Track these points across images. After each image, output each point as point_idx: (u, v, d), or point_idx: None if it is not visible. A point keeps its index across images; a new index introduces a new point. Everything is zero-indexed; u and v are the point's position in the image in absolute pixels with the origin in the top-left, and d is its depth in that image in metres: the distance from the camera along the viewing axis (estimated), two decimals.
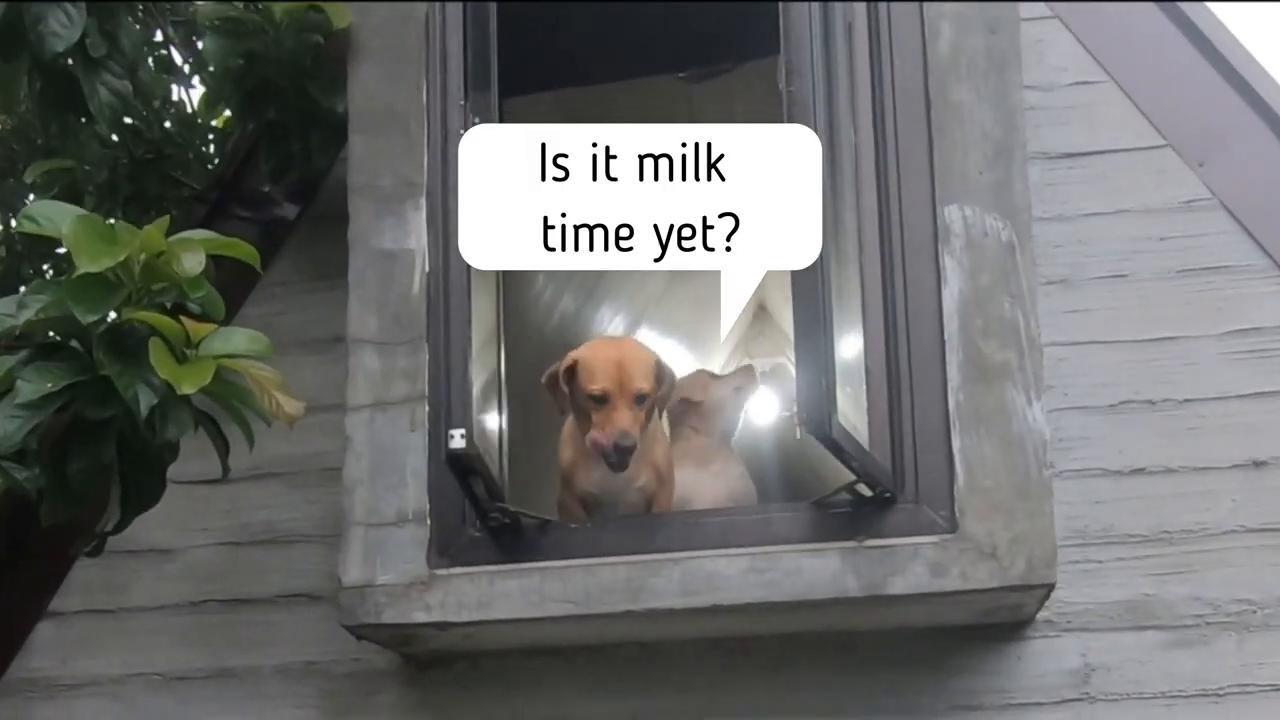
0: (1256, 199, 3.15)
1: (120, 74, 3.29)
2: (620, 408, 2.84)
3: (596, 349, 2.95)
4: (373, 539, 2.97)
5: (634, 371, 2.86)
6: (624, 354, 2.90)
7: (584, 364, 2.89)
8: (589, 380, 2.87)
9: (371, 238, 3.16)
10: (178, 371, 2.62)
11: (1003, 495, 2.76)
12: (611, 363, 2.87)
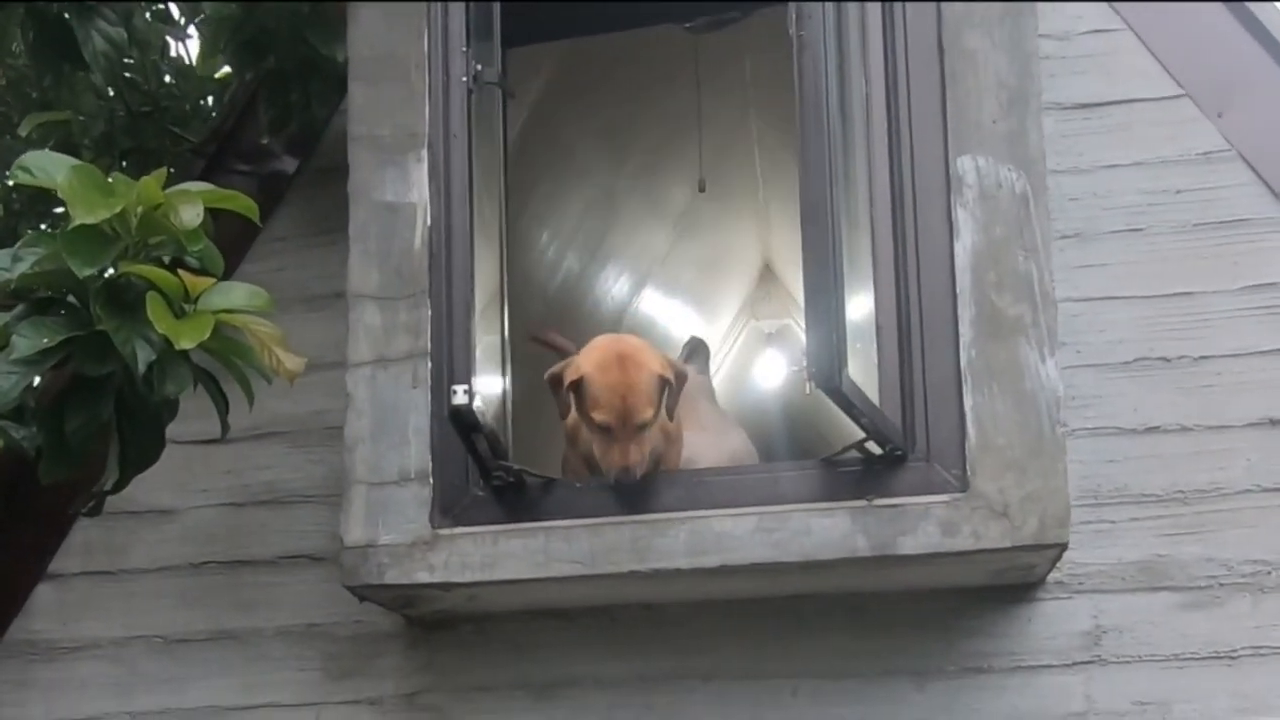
0: (1275, 150, 3.08)
1: (115, 21, 3.22)
2: (623, 439, 2.78)
3: (603, 370, 2.82)
4: (375, 498, 2.92)
5: (637, 402, 2.78)
6: (629, 382, 2.79)
7: (588, 386, 2.81)
8: (592, 406, 2.80)
9: (372, 190, 3.09)
10: (176, 326, 2.56)
11: (1015, 453, 2.71)
12: (616, 393, 2.78)
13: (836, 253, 2.49)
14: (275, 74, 3.41)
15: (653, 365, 2.83)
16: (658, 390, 2.81)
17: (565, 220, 5.01)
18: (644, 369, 2.81)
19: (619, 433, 2.77)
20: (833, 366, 2.45)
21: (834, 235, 2.48)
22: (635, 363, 2.82)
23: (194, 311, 2.63)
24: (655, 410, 2.80)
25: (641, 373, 2.80)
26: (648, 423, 2.79)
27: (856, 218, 2.85)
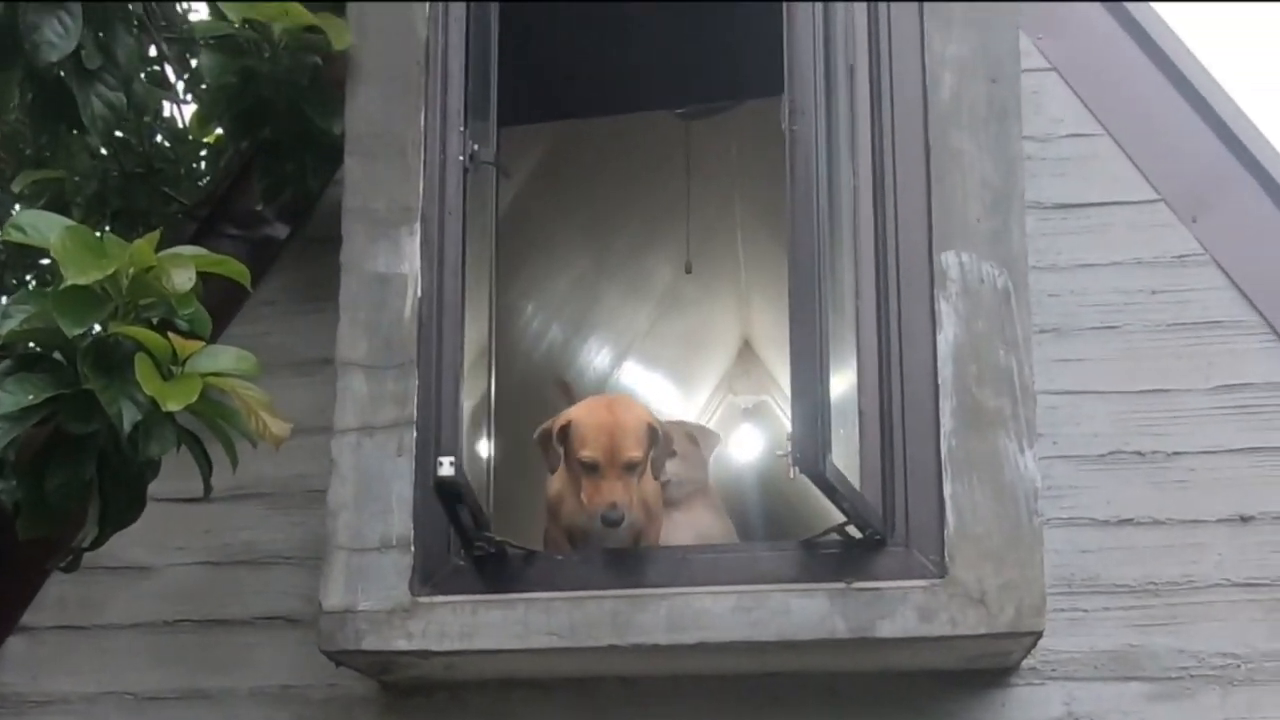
0: (1248, 256, 3.17)
1: (114, 86, 3.26)
2: (610, 477, 2.82)
3: (590, 412, 2.91)
4: (355, 564, 2.93)
5: (625, 440, 2.84)
6: (616, 420, 2.87)
7: (577, 427, 2.87)
8: (580, 445, 2.85)
9: (365, 261, 3.14)
10: (163, 388, 2.59)
11: (993, 542, 2.75)
12: (604, 431, 2.84)
13: (823, 343, 2.55)
14: (271, 144, 3.45)
15: (641, 413, 2.90)
16: (646, 435, 2.86)
17: (551, 293, 5.07)
18: (633, 413, 2.88)
19: (606, 470, 2.81)
20: (817, 452, 2.49)
21: (821, 327, 2.53)
22: (624, 406, 2.91)
23: (182, 374, 2.65)
24: (643, 454, 2.84)
25: (630, 415, 2.87)
26: (635, 462, 2.82)
27: (842, 307, 2.91)
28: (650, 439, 2.87)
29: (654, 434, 2.88)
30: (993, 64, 3.03)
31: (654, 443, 2.89)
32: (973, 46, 3.03)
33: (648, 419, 2.89)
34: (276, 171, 3.46)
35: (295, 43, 3.32)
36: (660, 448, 2.90)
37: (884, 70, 3.05)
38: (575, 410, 2.91)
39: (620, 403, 2.94)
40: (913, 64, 3.04)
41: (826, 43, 2.98)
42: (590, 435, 2.83)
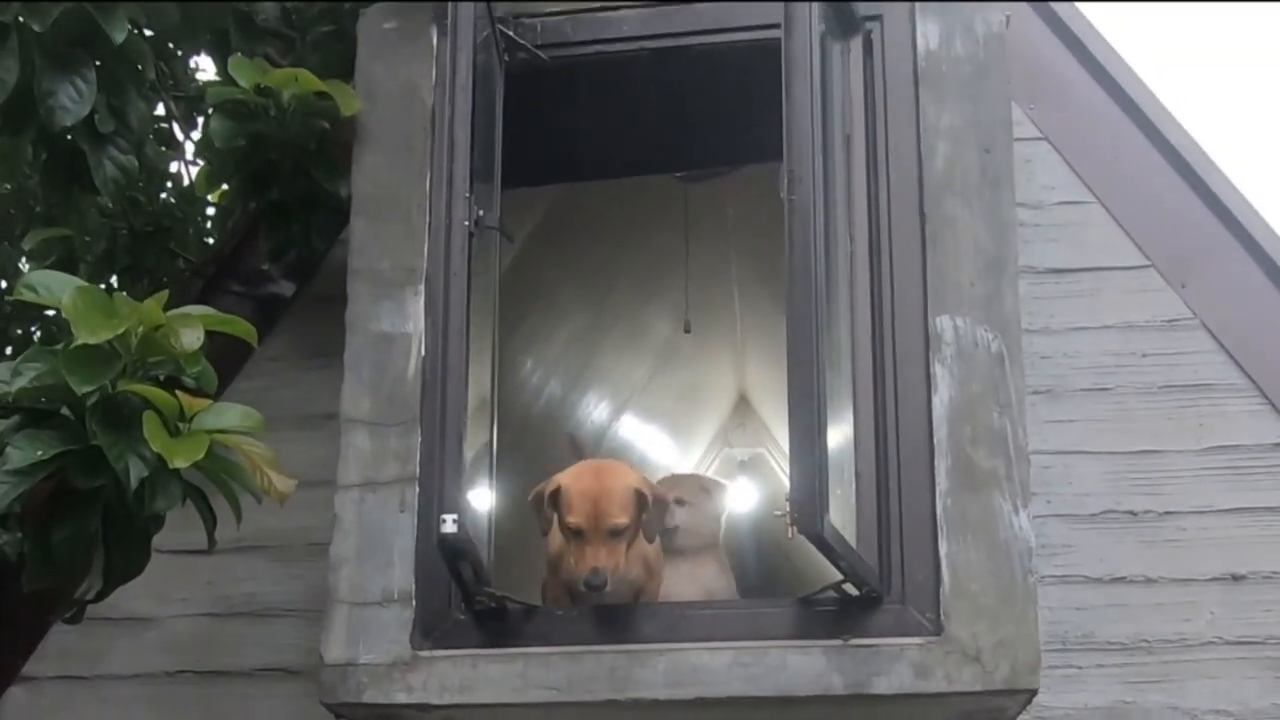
0: (1236, 321, 3.26)
1: (126, 149, 3.32)
2: (594, 543, 2.87)
3: (578, 478, 2.96)
4: (357, 618, 2.96)
5: (610, 507, 2.88)
6: (602, 487, 2.92)
7: (565, 493, 2.93)
8: (567, 511, 2.91)
9: (369, 320, 3.20)
10: (171, 445, 2.63)
11: (988, 600, 2.79)
12: (589, 497, 2.90)
13: (821, 407, 2.60)
14: (278, 205, 3.53)
15: (629, 479, 2.94)
16: (633, 501, 2.90)
17: (549, 349, 5.13)
18: (619, 480, 2.92)
19: (590, 535, 2.86)
20: (815, 514, 2.53)
21: (819, 392, 2.59)
22: (610, 473, 2.95)
23: (189, 431, 2.69)
24: (629, 520, 2.88)
25: (616, 482, 2.91)
26: (620, 529, 2.86)
27: (839, 368, 2.97)
28: (638, 505, 2.91)
29: (642, 500, 2.92)
30: (985, 134, 3.11)
31: (643, 508, 2.92)
32: (966, 117, 3.11)
33: (635, 485, 2.93)
34: (283, 231, 3.53)
35: (304, 108, 3.40)
36: (651, 512, 2.93)
37: (880, 140, 3.13)
38: (564, 475, 2.96)
39: (608, 469, 2.98)
40: (908, 134, 3.12)
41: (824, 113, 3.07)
42: (576, 502, 2.88)
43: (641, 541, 3.00)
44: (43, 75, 3.09)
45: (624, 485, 2.92)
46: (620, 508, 2.88)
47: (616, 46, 3.34)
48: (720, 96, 3.56)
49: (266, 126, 3.41)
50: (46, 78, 3.10)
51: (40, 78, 3.09)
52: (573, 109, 3.64)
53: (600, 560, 2.84)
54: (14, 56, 3.05)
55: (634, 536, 2.93)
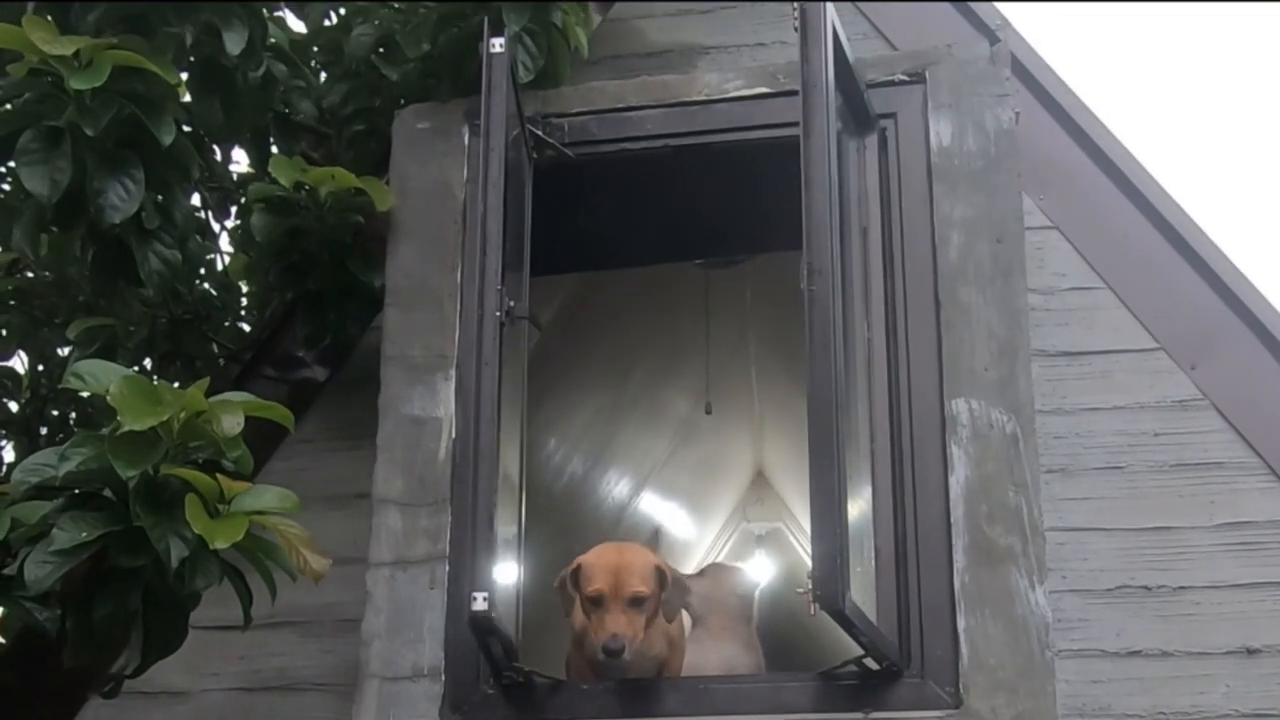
0: (1245, 401, 3.33)
1: (171, 244, 3.44)
2: (614, 610, 2.97)
3: (600, 554, 3.08)
4: (387, 692, 3.05)
5: (630, 576, 2.99)
6: (623, 559, 3.04)
7: (586, 568, 3.04)
8: (588, 583, 3.02)
9: (402, 404, 3.32)
10: (211, 526, 2.74)
11: (1006, 674, 2.86)
12: (609, 569, 3.01)
13: (841, 484, 2.70)
14: (314, 294, 3.66)
15: (649, 556, 3.04)
16: (653, 575, 3.00)
17: (572, 427, 5.25)
18: (640, 556, 3.03)
19: (611, 603, 2.95)
20: (836, 590, 2.62)
21: (839, 469, 2.69)
22: (631, 550, 3.07)
23: (228, 512, 2.80)
24: (650, 590, 2.97)
25: (637, 557, 3.03)
26: (641, 597, 2.95)
27: (858, 451, 3.07)
28: (659, 580, 3.00)
29: (661, 576, 3.00)
30: (997, 224, 3.23)
31: (662, 585, 3.00)
32: (978, 208, 3.25)
33: (655, 562, 3.03)
34: (319, 319, 3.67)
35: (340, 203, 3.55)
36: (670, 591, 3.01)
37: (896, 231, 3.27)
38: (585, 555, 3.07)
39: (629, 547, 3.10)
40: (923, 225, 3.26)
41: (842, 206, 3.21)
42: (598, 573, 2.99)
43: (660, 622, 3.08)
44: (94, 175, 3.22)
45: (645, 560, 3.03)
46: (640, 578, 2.98)
47: (640, 144, 3.51)
48: (738, 189, 3.71)
49: (304, 221, 3.56)
50: (97, 177, 3.22)
51: (91, 177, 3.21)
52: (597, 202, 3.80)
53: (620, 628, 2.93)
54: (67, 158, 3.18)
55: (654, 612, 3.00)
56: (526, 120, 3.44)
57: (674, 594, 3.03)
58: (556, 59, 3.56)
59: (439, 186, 3.51)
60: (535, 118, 3.49)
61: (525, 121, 3.42)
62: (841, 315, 2.83)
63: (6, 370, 5.44)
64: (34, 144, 3.19)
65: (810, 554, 2.66)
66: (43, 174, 3.18)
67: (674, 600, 3.04)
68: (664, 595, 3.01)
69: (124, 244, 3.39)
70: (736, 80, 3.48)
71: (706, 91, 3.47)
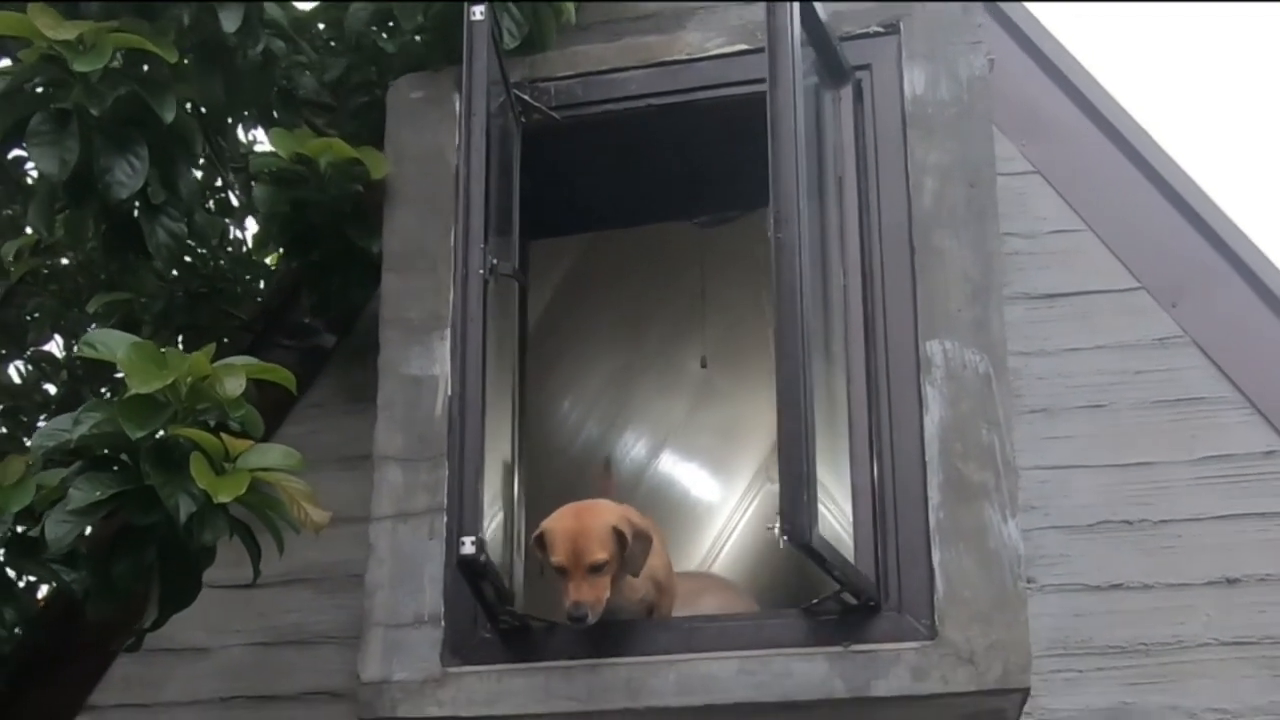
0: (1225, 337, 3.38)
1: (177, 217, 3.58)
2: (576, 579, 3.05)
3: (559, 521, 3.13)
4: (391, 639, 3.18)
5: (588, 545, 3.05)
6: (581, 526, 3.09)
7: (548, 535, 3.11)
8: (551, 552, 3.10)
9: (400, 365, 3.45)
10: (216, 482, 2.88)
11: (981, 605, 2.94)
12: (569, 537, 3.07)
13: (809, 423, 2.78)
14: (319, 263, 3.79)
15: (607, 517, 3.11)
16: (611, 538, 3.07)
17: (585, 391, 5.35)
18: (597, 519, 3.09)
19: (573, 573, 3.03)
20: (803, 524, 2.71)
21: (806, 409, 2.77)
22: (590, 513, 3.12)
23: (233, 470, 2.94)
24: (609, 555, 3.05)
25: (595, 521, 3.09)
26: (599, 564, 3.04)
27: (835, 394, 3.15)
28: (618, 542, 3.08)
29: (620, 537, 3.08)
30: (971, 169, 3.29)
31: (622, 545, 3.08)
32: (952, 154, 3.30)
33: (614, 523, 3.09)
34: (324, 288, 3.80)
35: (340, 173, 3.66)
36: (632, 547, 3.09)
37: (871, 179, 3.33)
38: (548, 520, 3.14)
39: (588, 509, 3.15)
40: (897, 172, 3.32)
41: (819, 156, 3.28)
42: (559, 543, 3.06)
43: (654, 560, 3.18)
44: (100, 153, 3.35)
45: (602, 524, 3.08)
46: (599, 544, 3.04)
47: (623, 105, 3.59)
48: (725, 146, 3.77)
49: (306, 192, 3.69)
50: (104, 155, 3.36)
51: (98, 156, 3.34)
52: (590, 165, 3.87)
53: (583, 595, 3.01)
54: (74, 138, 3.31)
55: (616, 571, 3.08)
56: (513, 85, 3.53)
57: (635, 550, 3.11)
58: (542, 25, 3.65)
59: (433, 153, 3.62)
60: (522, 83, 3.58)
61: (512, 87, 3.52)
62: (808, 261, 2.91)
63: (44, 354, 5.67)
64: (44, 126, 3.32)
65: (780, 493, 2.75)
66: (53, 154, 3.31)
67: (636, 556, 3.12)
68: (626, 554, 3.10)
69: (132, 219, 3.53)
70: (718, 39, 3.55)
71: (688, 50, 3.55)
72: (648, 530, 3.17)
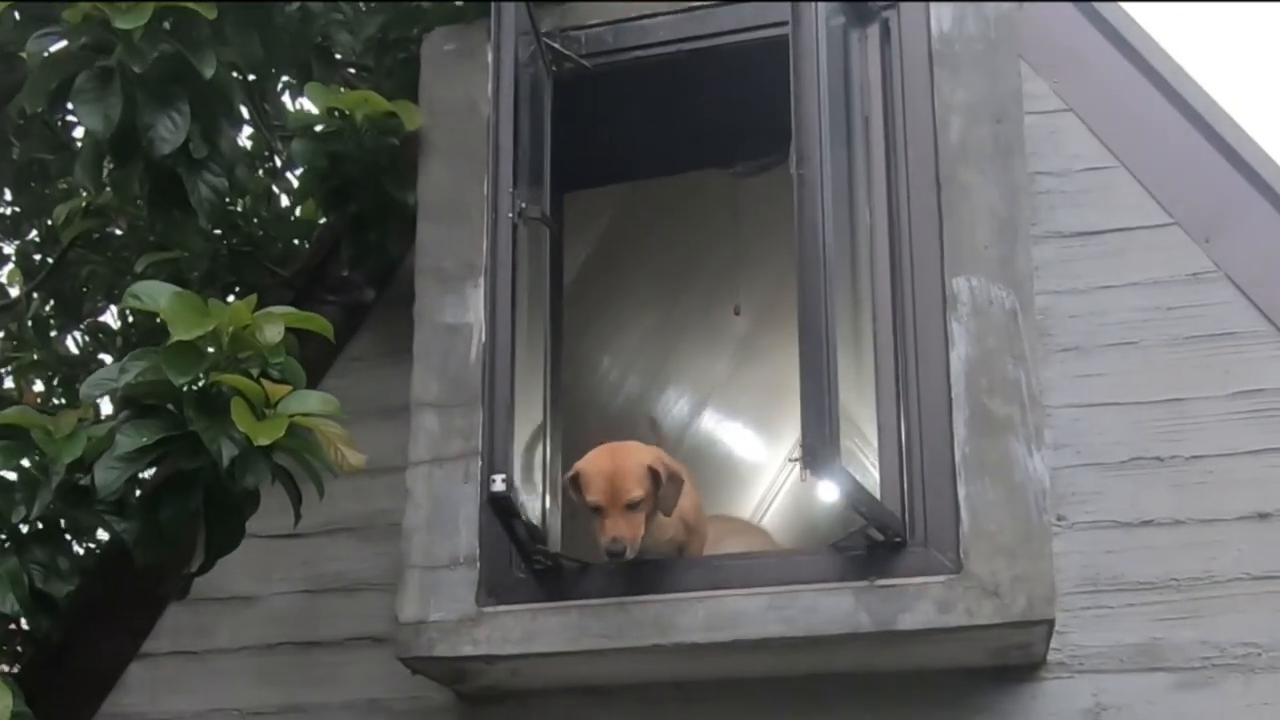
0: (1259, 270, 3.34)
1: (218, 173, 3.65)
2: (613, 516, 3.10)
3: (593, 461, 3.20)
4: (428, 580, 3.25)
5: (624, 483, 3.12)
6: (616, 465, 3.15)
7: (583, 475, 3.18)
8: (586, 491, 3.16)
9: (435, 313, 3.51)
10: (256, 426, 2.96)
11: (1005, 538, 2.95)
12: (604, 476, 3.14)
13: (831, 356, 2.81)
14: (356, 217, 3.86)
15: (641, 457, 3.17)
16: (646, 477, 3.13)
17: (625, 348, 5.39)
18: (631, 458, 3.16)
19: (609, 510, 3.09)
20: (827, 455, 2.73)
21: (828, 342, 2.80)
22: (623, 453, 3.19)
23: (273, 415, 3.01)
24: (644, 493, 3.10)
25: (629, 460, 3.15)
26: (635, 501, 3.09)
27: (862, 333, 3.17)
28: (652, 480, 3.13)
29: (655, 475, 3.13)
30: (998, 106, 3.29)
31: (657, 484, 3.13)
32: (979, 91, 3.30)
33: (649, 462, 3.15)
34: (361, 241, 3.87)
35: (375, 127, 3.73)
36: (666, 486, 3.14)
37: (897, 117, 3.34)
38: (582, 461, 3.20)
39: (622, 449, 3.21)
40: (924, 110, 3.32)
41: (846, 97, 3.29)
42: (594, 481, 3.13)
43: (684, 501, 3.22)
44: (143, 110, 3.43)
45: (637, 462, 3.15)
46: (635, 482, 3.10)
47: (652, 51, 3.61)
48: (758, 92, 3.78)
49: (342, 145, 3.75)
50: (147, 112, 3.44)
51: (141, 113, 3.43)
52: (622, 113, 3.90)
53: (619, 531, 3.07)
54: (118, 95, 3.40)
55: (651, 510, 3.14)
56: (544, 35, 3.57)
57: (668, 490, 3.16)
58: None
59: (466, 105, 3.67)
60: (553, 32, 3.62)
61: (542, 36, 3.55)
62: (830, 196, 2.92)
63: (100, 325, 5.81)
64: (89, 83, 3.41)
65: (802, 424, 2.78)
66: (97, 111, 3.40)
67: (669, 496, 3.17)
68: (660, 493, 3.15)
69: (176, 175, 3.61)
70: None
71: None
72: (679, 471, 3.22)
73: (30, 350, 5.83)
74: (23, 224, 5.72)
